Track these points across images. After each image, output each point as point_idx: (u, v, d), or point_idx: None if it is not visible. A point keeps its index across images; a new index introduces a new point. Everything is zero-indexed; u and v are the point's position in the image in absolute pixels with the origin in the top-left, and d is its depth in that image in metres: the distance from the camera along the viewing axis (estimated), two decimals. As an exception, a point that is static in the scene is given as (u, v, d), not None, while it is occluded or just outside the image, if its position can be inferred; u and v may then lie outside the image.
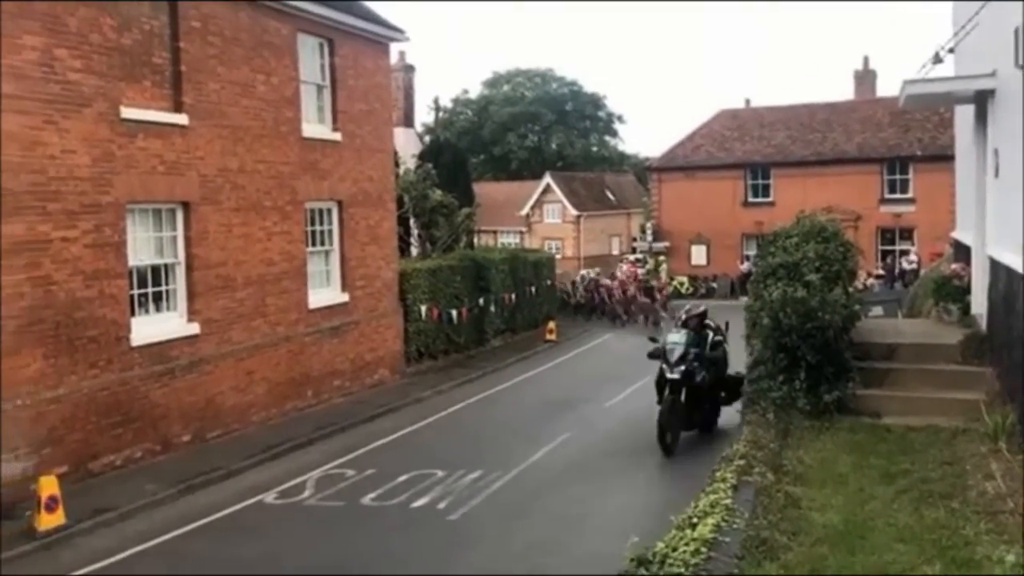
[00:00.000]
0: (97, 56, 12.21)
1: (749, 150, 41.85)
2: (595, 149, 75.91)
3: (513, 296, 24.86)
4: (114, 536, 10.31)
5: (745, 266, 32.37)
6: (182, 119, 13.70)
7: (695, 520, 6.37)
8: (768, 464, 8.29)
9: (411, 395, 18.01)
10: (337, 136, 17.71)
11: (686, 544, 5.86)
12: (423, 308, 20.62)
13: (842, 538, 6.71)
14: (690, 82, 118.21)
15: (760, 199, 40.92)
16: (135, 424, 12.87)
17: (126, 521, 10.80)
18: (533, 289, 26.34)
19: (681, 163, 42.92)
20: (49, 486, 10.18)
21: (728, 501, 6.89)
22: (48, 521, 10.10)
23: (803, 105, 42.90)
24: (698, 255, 42.40)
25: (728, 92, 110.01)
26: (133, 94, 12.91)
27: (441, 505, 11.15)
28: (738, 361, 12.97)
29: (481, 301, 23.14)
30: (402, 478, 12.16)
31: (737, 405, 12.63)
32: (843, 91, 60.17)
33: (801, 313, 10.35)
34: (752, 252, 32.59)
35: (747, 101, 47.14)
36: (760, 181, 41.32)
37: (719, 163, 41.87)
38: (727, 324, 13.84)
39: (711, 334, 13.12)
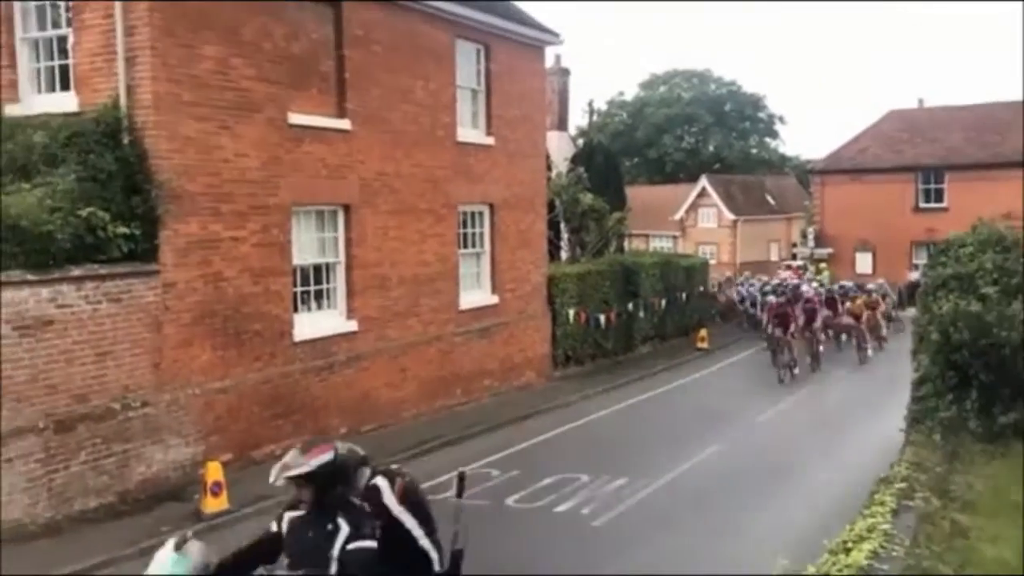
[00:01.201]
0: (268, 64, 12.87)
1: (921, 152, 39.50)
2: (754, 151, 73.76)
3: (663, 302, 24.47)
4: (273, 522, 10.79)
5: (914, 275, 30.16)
6: (345, 124, 14.25)
7: (849, 545, 6.03)
8: (933, 489, 7.76)
9: (557, 399, 18.02)
10: (491, 140, 17.96)
11: (839, 570, 5.56)
12: (571, 312, 20.60)
13: (1016, 574, 6.19)
14: (857, 82, 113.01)
15: (932, 204, 38.54)
16: (295, 415, 13.48)
17: (284, 508, 11.29)
18: (684, 295, 25.84)
19: (847, 166, 41.00)
20: (215, 472, 10.80)
21: (887, 526, 6.49)
22: (213, 505, 10.71)
23: (981, 105, 40.07)
24: (863, 263, 40.38)
25: (898, 92, 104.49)
26: (300, 100, 13.53)
27: (585, 511, 11.08)
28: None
29: (630, 306, 22.91)
30: (547, 481, 12.17)
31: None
32: (1029, 89, 56.02)
33: (974, 328, 9.64)
34: (922, 261, 30.69)
35: (920, 101, 44.55)
36: (932, 185, 38.95)
37: (888, 166, 39.72)
38: None
39: None
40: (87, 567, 9.31)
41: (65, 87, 11.99)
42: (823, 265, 40.59)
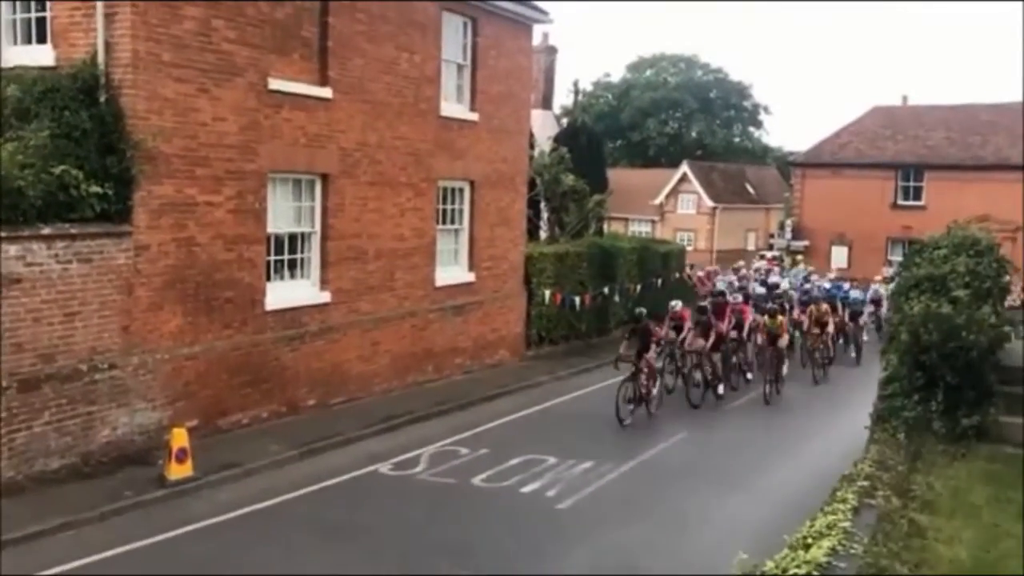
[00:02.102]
0: (251, 28, 12.66)
1: (902, 150, 39.77)
2: (737, 140, 74.04)
3: (639, 287, 24.52)
4: (237, 491, 10.78)
5: (887, 272, 29.73)
6: (326, 93, 14.07)
7: (809, 541, 6.06)
8: (894, 488, 7.82)
9: (529, 378, 18.05)
10: (474, 116, 17.83)
11: (797, 566, 5.58)
12: (547, 292, 20.60)
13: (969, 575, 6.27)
14: (843, 76, 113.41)
15: (910, 202, 38.87)
16: (264, 385, 13.40)
17: (250, 478, 11.27)
18: (660, 281, 25.91)
19: (828, 159, 41.20)
20: (180, 438, 10.72)
21: (847, 524, 6.52)
22: (177, 471, 10.64)
23: (965, 105, 40.33)
24: (838, 257, 40.68)
25: (883, 88, 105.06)
26: (281, 66, 13.33)
27: (550, 492, 11.13)
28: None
29: (606, 290, 22.93)
30: (514, 461, 12.21)
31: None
32: (1011, 93, 56.51)
33: (944, 330, 9.69)
34: (898, 257, 30.87)
35: (904, 98, 44.82)
36: (912, 183, 39.24)
37: (869, 161, 39.98)
38: None
39: None
40: (47, 528, 9.24)
41: (41, 40, 11.73)
42: (799, 258, 40.84)
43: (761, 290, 23.68)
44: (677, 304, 17.73)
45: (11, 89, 10.93)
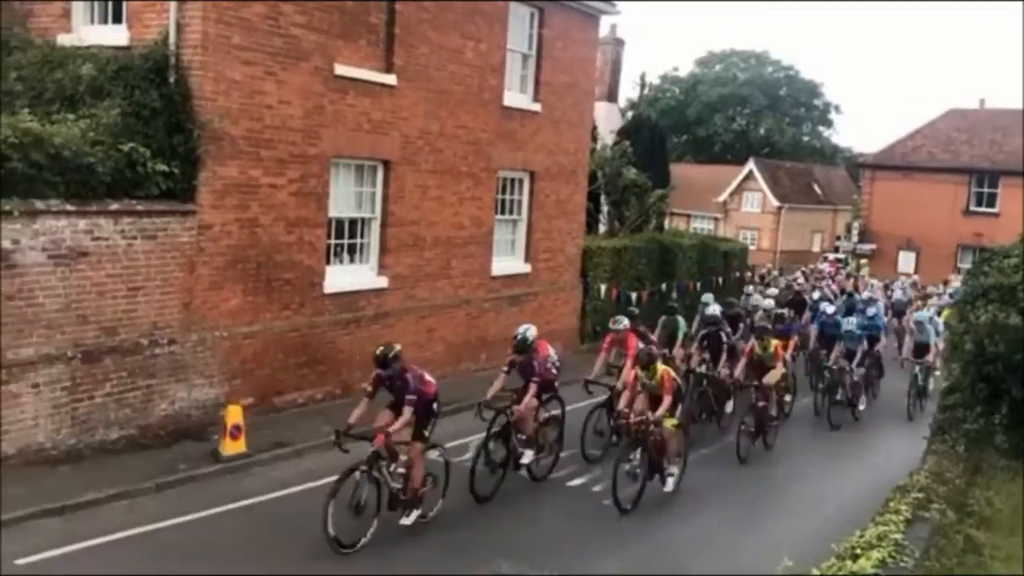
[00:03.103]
0: (319, 13, 12.79)
1: (977, 155, 38.60)
2: (806, 139, 72.56)
3: (698, 285, 24.21)
4: (289, 469, 10.94)
5: (954, 280, 28.59)
6: (391, 80, 14.15)
7: (858, 552, 5.93)
8: (950, 502, 7.61)
9: (582, 372, 17.90)
10: (537, 107, 17.77)
11: (844, 576, 5.48)
12: (603, 287, 20.46)
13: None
14: (918, 77, 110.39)
15: (983, 208, 37.78)
16: (319, 367, 13.57)
17: (302, 457, 11.42)
18: (720, 280, 25.54)
19: (899, 162, 40.20)
20: (235, 415, 10.93)
21: (899, 536, 6.36)
22: (231, 448, 10.85)
23: (1046, 110, 38.98)
24: (906, 262, 39.71)
25: (960, 90, 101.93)
26: (348, 52, 13.44)
27: (597, 488, 11.07)
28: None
29: (663, 286, 22.70)
30: (562, 454, 12.15)
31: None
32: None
33: (1011, 342, 9.40)
34: (968, 265, 30.04)
35: (981, 102, 43.42)
36: (986, 189, 38.11)
37: (941, 165, 38.90)
38: None
39: None
40: (103, 496, 9.50)
41: (117, 20, 12.02)
42: (864, 261, 39.95)
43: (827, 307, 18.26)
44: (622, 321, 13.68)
45: (86, 68, 11.21)
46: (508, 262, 17.79)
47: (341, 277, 13.92)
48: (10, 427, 9.83)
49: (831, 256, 42.47)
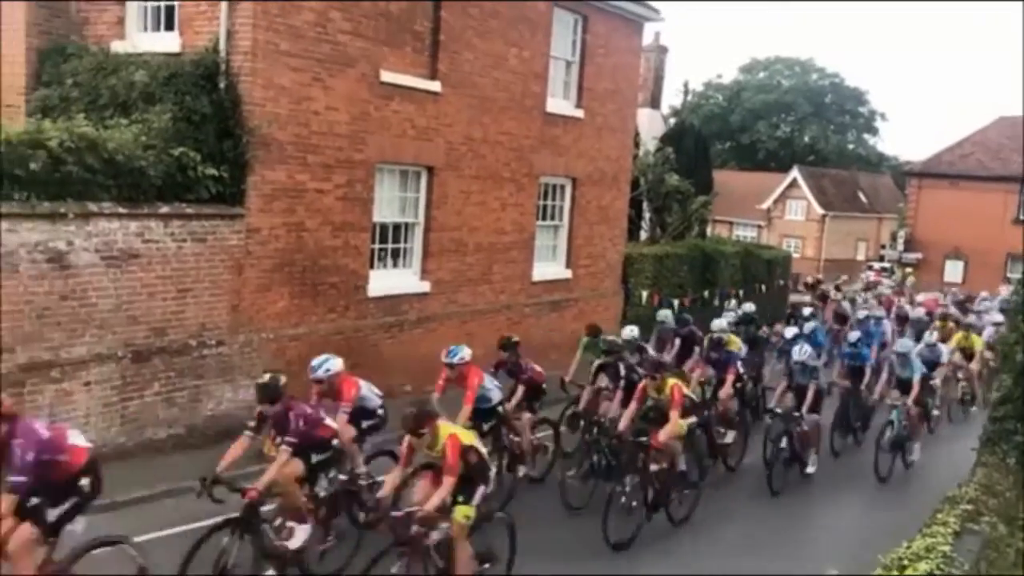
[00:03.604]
0: (365, 20, 12.93)
1: (1029, 163, 37.83)
2: (851, 146, 71.72)
3: (741, 292, 24.02)
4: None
5: (1004, 291, 27.69)
6: (435, 86, 14.27)
7: (905, 563, 5.85)
8: (1001, 514, 7.47)
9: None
10: (579, 113, 17.79)
11: (891, 587, 5.41)
12: (644, 293, 20.40)
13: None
14: (966, 84, 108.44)
15: (1035, 217, 36.98)
16: (363, 369, 13.57)
17: (343, 459, 11.49)
18: (763, 288, 25.32)
19: (947, 170, 39.61)
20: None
21: (947, 548, 6.27)
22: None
23: (1100, 118, 38.13)
24: (953, 272, 39.09)
25: (1010, 99, 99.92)
26: (393, 59, 13.58)
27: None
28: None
29: (706, 294, 22.55)
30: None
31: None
32: None
33: (1064, 352, 9.21)
34: (1017, 275, 29.43)
35: (1033, 108, 42.51)
36: (1037, 198, 37.32)
37: (991, 174, 38.25)
38: None
39: None
40: (152, 493, 9.69)
41: (169, 27, 12.27)
42: (910, 271, 39.35)
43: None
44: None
45: (139, 74, 11.47)
46: (549, 268, 17.81)
47: (385, 281, 14.06)
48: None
49: (876, 265, 41.87)
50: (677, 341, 15.44)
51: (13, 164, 9.36)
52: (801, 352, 12.31)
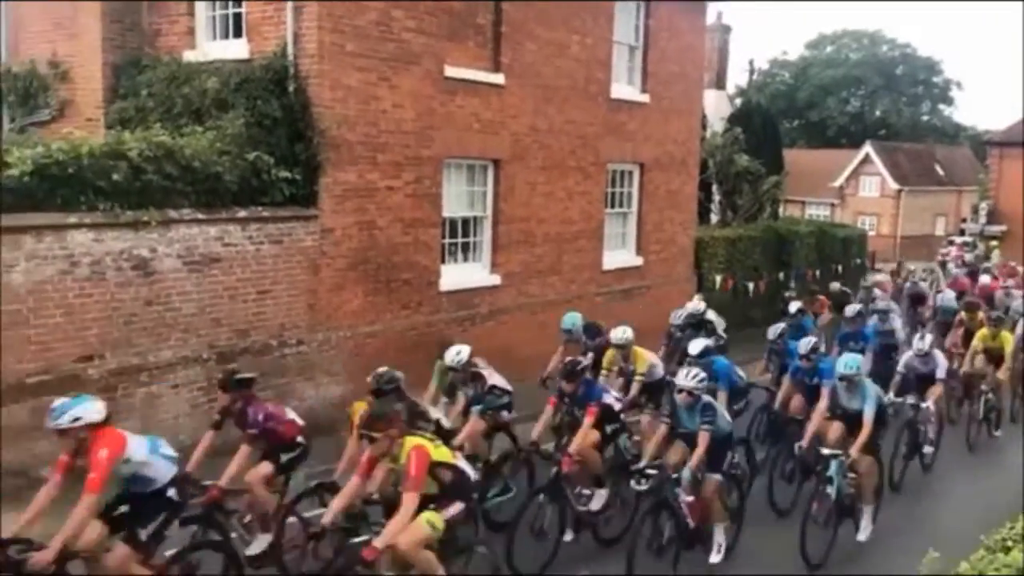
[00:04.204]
0: (428, 17, 12.99)
1: (1117, 126, 36.17)
2: (925, 118, 69.48)
3: (817, 273, 23.52)
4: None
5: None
6: (499, 79, 14.26)
7: (1009, 544, 5.64)
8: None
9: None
10: (645, 98, 17.60)
11: (996, 569, 5.21)
12: (718, 278, 20.12)
13: None
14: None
15: None
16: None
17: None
18: (840, 267, 24.75)
19: (1029, 138, 38.06)
20: (361, 411, 11.20)
21: (1053, 529, 6.02)
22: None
23: None
24: (1039, 243, 37.56)
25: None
26: (457, 54, 13.62)
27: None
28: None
29: (781, 276, 22.15)
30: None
31: None
32: None
33: None
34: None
35: (1121, 68, 40.62)
36: None
37: (1077, 139, 36.61)
38: None
39: None
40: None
41: (237, 34, 12.51)
42: (994, 243, 38.01)
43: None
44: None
45: (211, 82, 11.73)
46: (620, 255, 17.69)
47: (456, 275, 14.14)
48: (152, 426, 10.36)
49: (958, 239, 40.51)
50: None
51: (96, 175, 9.67)
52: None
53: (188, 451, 10.47)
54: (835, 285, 16.95)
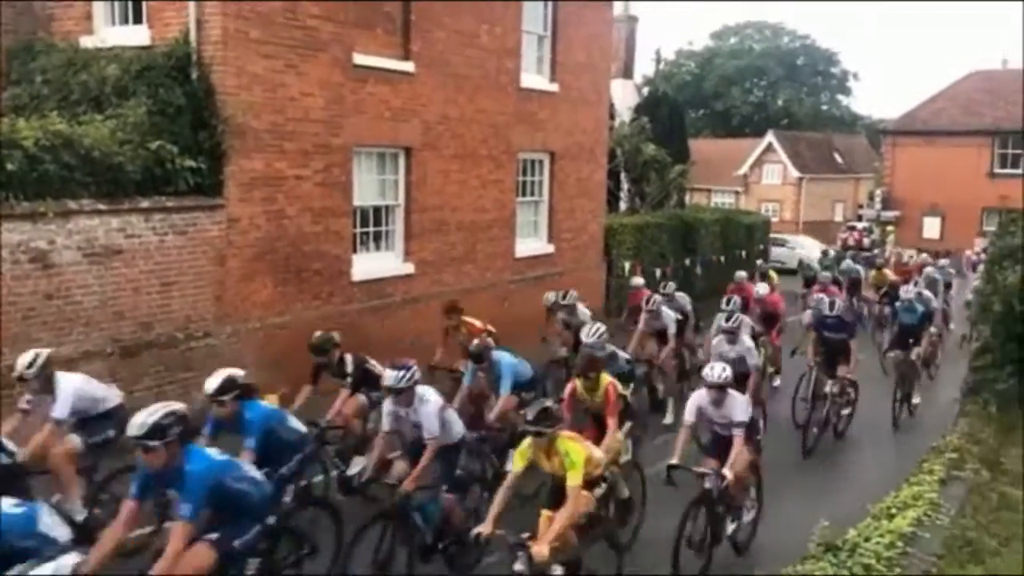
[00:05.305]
0: (335, 3, 12.86)
1: (1001, 116, 38.13)
2: (825, 108, 71.90)
3: (722, 259, 24.21)
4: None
5: (979, 244, 27.45)
6: (409, 67, 14.23)
7: (893, 511, 6.02)
8: (984, 461, 7.68)
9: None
10: (554, 87, 17.80)
11: (880, 535, 5.56)
12: (627, 264, 20.53)
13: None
14: (937, 39, 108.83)
15: (1008, 170, 37.36)
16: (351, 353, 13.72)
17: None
18: (744, 253, 25.52)
19: (921, 127, 39.86)
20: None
21: (933, 495, 6.46)
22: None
23: (1070, 68, 38.41)
24: (931, 228, 39.44)
25: (981, 53, 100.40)
26: (365, 41, 13.52)
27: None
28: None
29: (687, 262, 22.72)
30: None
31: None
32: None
33: (1040, 301, 9.36)
34: (993, 228, 29.68)
35: (1004, 62, 42.92)
36: (1011, 151, 37.71)
37: (964, 129, 38.50)
38: None
39: None
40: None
41: (138, 20, 12.17)
42: (890, 228, 39.69)
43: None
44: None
45: (111, 68, 11.39)
46: (532, 243, 17.89)
47: (368, 265, 14.08)
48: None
49: (858, 225, 42.12)
50: None
51: (-11, 165, 9.31)
52: None
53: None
54: (740, 273, 17.45)
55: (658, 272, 21.23)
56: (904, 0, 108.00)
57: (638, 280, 16.32)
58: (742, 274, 17.21)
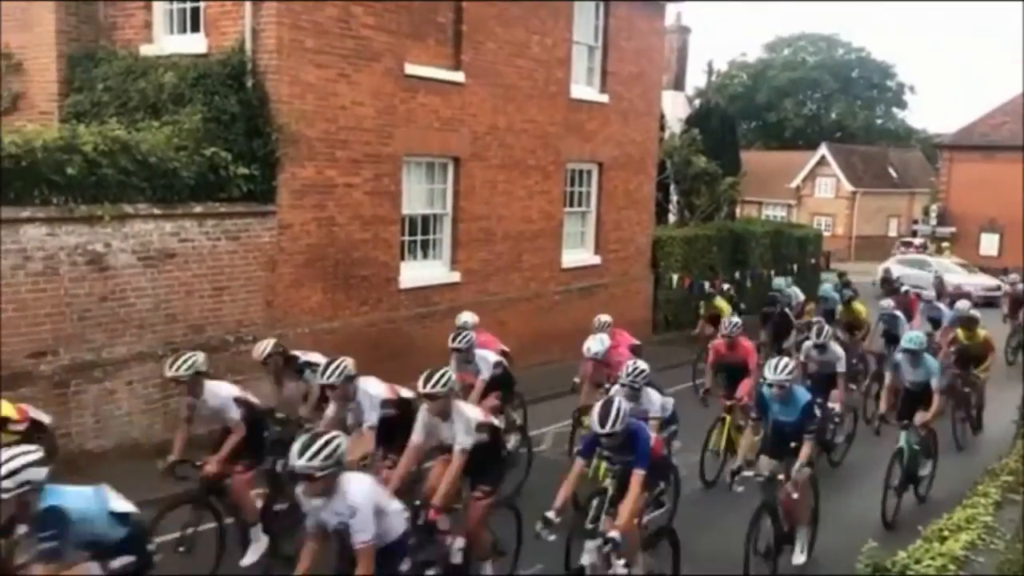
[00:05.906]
0: (388, 14, 13.01)
1: (1063, 130, 37.16)
2: (880, 121, 70.71)
3: (773, 273, 23.90)
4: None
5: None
6: (459, 77, 14.33)
7: (946, 534, 5.86)
8: (1042, 485, 7.43)
9: (655, 364, 17.83)
10: (604, 98, 17.77)
11: (932, 558, 5.41)
12: (675, 277, 20.38)
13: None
14: (996, 53, 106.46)
15: (1070, 186, 36.32)
16: (397, 360, 13.77)
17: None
18: (795, 267, 25.17)
19: (979, 141, 39.02)
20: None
21: (988, 518, 6.26)
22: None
23: None
24: (988, 244, 38.57)
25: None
26: (417, 51, 13.65)
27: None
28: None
29: (737, 275, 22.47)
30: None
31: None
32: None
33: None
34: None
35: (1066, 75, 41.77)
36: (1073, 166, 36.64)
37: (1024, 143, 37.54)
38: None
39: None
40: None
41: (195, 29, 12.42)
42: (945, 244, 38.86)
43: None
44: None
45: (168, 76, 11.64)
46: (578, 254, 17.86)
47: (415, 273, 14.18)
48: (107, 422, 10.29)
49: (916, 241, 41.30)
50: None
51: (50, 169, 9.56)
52: None
53: (141, 451, 10.47)
54: (783, 282, 17.22)
55: (707, 285, 21.02)
56: (964, 2, 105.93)
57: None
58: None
